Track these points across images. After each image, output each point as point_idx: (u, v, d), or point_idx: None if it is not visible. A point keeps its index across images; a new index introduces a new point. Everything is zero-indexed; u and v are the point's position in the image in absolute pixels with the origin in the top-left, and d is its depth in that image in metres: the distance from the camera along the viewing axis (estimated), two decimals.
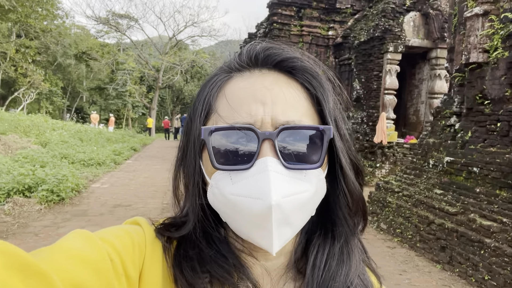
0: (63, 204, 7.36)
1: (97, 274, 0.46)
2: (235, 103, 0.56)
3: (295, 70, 0.59)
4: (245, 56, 0.61)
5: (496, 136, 5.43)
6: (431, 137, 7.19)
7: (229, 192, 0.53)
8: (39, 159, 9.69)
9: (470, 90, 6.04)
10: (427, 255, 5.75)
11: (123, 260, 0.51)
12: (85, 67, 38.48)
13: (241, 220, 0.54)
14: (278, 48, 0.61)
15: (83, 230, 0.52)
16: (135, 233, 0.57)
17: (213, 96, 0.59)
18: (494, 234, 4.71)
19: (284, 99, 0.56)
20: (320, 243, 0.63)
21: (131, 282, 0.52)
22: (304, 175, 0.55)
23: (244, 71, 0.60)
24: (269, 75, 0.58)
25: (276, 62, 0.59)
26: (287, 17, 12.75)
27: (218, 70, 0.63)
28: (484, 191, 5.26)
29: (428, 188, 6.44)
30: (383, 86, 11.68)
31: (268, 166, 0.52)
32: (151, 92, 37.70)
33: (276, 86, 0.57)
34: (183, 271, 0.56)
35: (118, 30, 34.68)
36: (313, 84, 0.59)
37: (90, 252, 0.48)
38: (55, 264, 0.44)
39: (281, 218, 0.51)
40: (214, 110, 0.58)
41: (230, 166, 0.54)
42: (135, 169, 12.69)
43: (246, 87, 0.57)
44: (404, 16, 11.68)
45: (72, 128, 18.79)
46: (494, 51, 5.48)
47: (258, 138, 0.53)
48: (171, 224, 0.62)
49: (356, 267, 0.62)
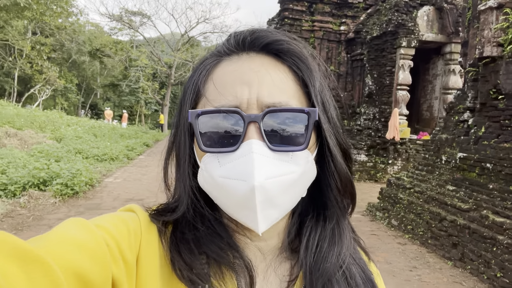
0: (77, 197, 7.50)
1: (94, 259, 0.47)
2: (222, 86, 0.57)
3: (282, 52, 0.59)
4: (233, 40, 0.61)
5: (510, 132, 5.33)
6: (444, 133, 7.09)
7: (217, 174, 0.55)
8: (54, 153, 9.88)
9: (483, 84, 5.93)
10: (439, 251, 5.69)
11: (119, 245, 0.52)
12: (99, 64, 38.96)
13: (229, 202, 0.55)
14: (265, 31, 0.61)
15: (78, 218, 0.53)
16: (130, 219, 0.58)
17: (202, 81, 0.60)
18: (507, 231, 4.64)
19: (271, 81, 0.56)
20: (312, 225, 0.64)
21: (128, 266, 0.53)
22: (290, 157, 0.55)
23: (232, 55, 0.60)
24: (256, 58, 0.59)
25: (263, 45, 0.59)
26: (299, 12, 12.68)
27: (207, 55, 0.64)
28: (498, 188, 5.18)
29: (440, 184, 6.37)
30: (395, 81, 11.55)
31: (253, 148, 0.53)
32: (164, 88, 37.99)
33: (262, 68, 0.57)
34: (180, 252, 0.57)
35: (131, 27, 34.97)
36: (299, 67, 0.59)
37: (86, 238, 0.48)
38: (52, 251, 0.44)
39: (265, 199, 0.52)
40: (203, 94, 0.59)
41: (217, 149, 0.55)
42: (148, 164, 12.84)
43: (233, 70, 0.58)
44: (417, 11, 11.51)
45: (86, 124, 19.08)
46: (508, 45, 5.37)
47: (244, 120, 0.54)
48: (164, 209, 0.64)
49: (347, 247, 0.63)
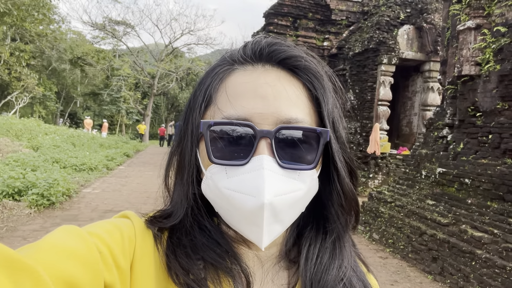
0: (53, 208, 7.27)
1: (86, 267, 0.46)
2: (235, 97, 0.56)
3: (298, 69, 0.59)
4: (250, 50, 0.60)
5: (488, 148, 5.49)
6: (424, 148, 7.24)
7: (223, 186, 0.54)
8: (30, 163, 9.58)
9: (462, 102, 6.11)
10: (419, 265, 5.74)
11: (112, 251, 0.51)
12: (80, 72, 38.35)
13: (233, 214, 0.55)
14: (283, 45, 0.60)
15: (70, 225, 0.52)
16: (124, 225, 0.58)
17: (214, 88, 0.59)
18: (485, 246, 4.73)
19: (286, 96, 0.56)
20: (312, 237, 0.64)
21: (122, 272, 0.52)
22: (298, 175, 0.56)
23: (247, 65, 0.60)
24: (272, 71, 0.58)
25: (280, 59, 0.59)
26: (283, 27, 12.87)
27: (220, 61, 0.63)
28: (476, 203, 5.29)
29: (420, 198, 6.47)
30: (376, 97, 11.78)
31: (264, 164, 0.53)
32: (146, 98, 37.64)
33: (278, 83, 0.57)
34: (177, 257, 0.56)
35: (114, 36, 34.69)
36: (314, 85, 0.59)
37: (77, 245, 0.47)
38: (42, 259, 0.43)
39: (272, 215, 0.52)
40: (214, 102, 0.58)
41: (227, 161, 0.55)
42: (128, 175, 12.60)
43: (247, 81, 0.57)
44: (398, 29, 11.85)
45: (65, 132, 18.66)
46: (486, 64, 5.57)
47: (256, 135, 0.54)
48: (161, 215, 0.63)
49: (348, 260, 0.63)
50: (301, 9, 12.95)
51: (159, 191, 0.67)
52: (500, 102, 5.30)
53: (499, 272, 4.37)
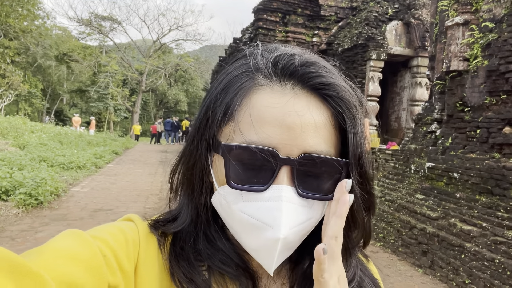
0: (42, 208, 7.15)
1: (90, 271, 0.46)
2: (260, 123, 0.52)
3: (331, 97, 0.55)
4: (281, 66, 0.55)
5: (476, 143, 5.56)
6: (413, 143, 7.31)
7: (238, 209, 0.53)
8: (17, 161, 9.41)
9: (450, 97, 6.18)
10: (409, 259, 5.82)
11: (116, 254, 0.52)
12: (66, 69, 37.77)
13: (245, 237, 0.55)
14: (320, 67, 0.56)
15: (74, 229, 0.52)
16: (128, 228, 0.58)
17: (237, 104, 0.55)
18: (474, 239, 4.80)
19: (314, 126, 0.53)
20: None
21: (126, 275, 0.52)
22: (312, 203, 0.55)
23: (275, 82, 0.55)
24: (302, 97, 0.54)
25: (314, 85, 0.55)
26: (272, 22, 12.83)
27: (243, 68, 0.57)
28: (464, 196, 5.37)
29: (410, 193, 6.54)
30: (366, 92, 11.85)
31: (283, 196, 0.51)
32: (134, 95, 37.28)
33: (307, 112, 0.53)
34: (179, 264, 0.56)
35: (100, 32, 34.26)
36: (345, 118, 0.55)
37: (81, 249, 0.48)
38: (46, 264, 0.44)
39: (284, 247, 0.53)
40: (235, 121, 0.54)
41: (244, 186, 0.53)
42: (117, 173, 12.47)
43: (275, 107, 0.53)
44: (386, 25, 11.91)
45: (52, 130, 18.37)
46: (474, 60, 5.63)
47: (278, 162, 0.52)
48: (165, 219, 0.63)
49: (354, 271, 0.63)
50: (290, 5, 12.93)
51: (150, 189, 0.65)
52: (488, 97, 5.37)
53: (488, 264, 4.45)
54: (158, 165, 14.67)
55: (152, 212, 0.66)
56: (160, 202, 8.13)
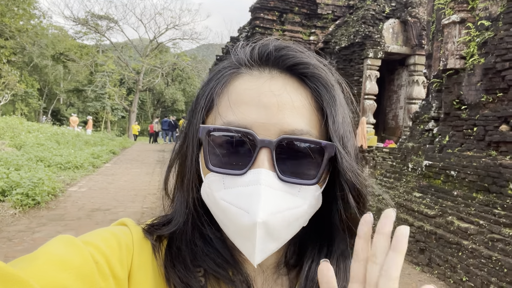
0: (39, 208, 7.13)
1: (81, 278, 0.46)
2: (237, 104, 0.53)
3: (306, 76, 0.55)
4: (257, 53, 0.57)
5: (473, 140, 5.58)
6: (410, 142, 7.33)
7: (220, 196, 0.53)
8: (14, 162, 9.37)
9: (447, 95, 6.19)
10: (407, 257, 5.83)
11: (109, 260, 0.50)
12: (63, 69, 37.63)
13: (228, 226, 0.54)
14: (292, 49, 0.57)
15: (66, 235, 0.51)
16: (121, 233, 0.56)
17: (217, 92, 0.56)
18: (471, 236, 4.82)
19: (291, 105, 0.53)
20: (315, 254, 0.62)
21: (119, 282, 0.51)
22: (298, 190, 0.53)
23: (253, 69, 0.56)
24: (278, 78, 0.55)
25: (288, 66, 0.55)
26: (269, 21, 12.82)
27: (226, 63, 0.60)
28: (462, 194, 5.39)
29: (407, 191, 6.56)
30: (363, 91, 11.86)
31: (261, 179, 0.50)
32: (131, 94, 37.17)
33: (284, 92, 0.53)
34: (175, 269, 0.55)
35: (97, 32, 34.13)
36: (322, 95, 0.55)
37: (72, 256, 0.47)
38: (36, 271, 0.43)
39: (266, 234, 0.50)
40: (216, 107, 0.56)
41: (224, 170, 0.53)
42: (114, 172, 12.44)
43: (252, 88, 0.54)
44: (383, 23, 11.92)
45: (49, 130, 18.31)
46: (470, 58, 5.65)
47: (256, 144, 0.51)
48: (159, 223, 0.61)
49: None
50: (287, 3, 12.92)
51: (147, 188, 0.65)
52: (485, 95, 5.39)
53: (485, 262, 4.47)
54: (156, 165, 14.65)
55: (150, 212, 0.65)
56: (158, 201, 8.07)
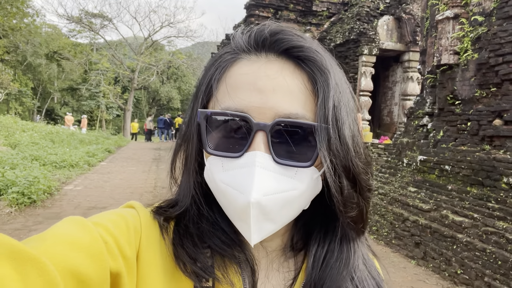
0: (35, 206, 7.11)
1: (91, 257, 0.46)
2: (233, 89, 0.55)
3: (301, 60, 0.55)
4: (253, 38, 0.58)
5: (467, 135, 5.63)
6: (405, 137, 7.38)
7: (219, 178, 0.54)
8: (9, 161, 9.32)
9: (441, 91, 6.24)
10: (402, 251, 5.89)
11: (117, 241, 0.51)
12: (57, 67, 37.35)
13: (227, 207, 0.55)
14: (288, 33, 0.57)
15: (75, 216, 0.52)
16: (129, 215, 0.58)
17: (216, 78, 0.58)
18: (465, 230, 4.87)
19: (287, 89, 0.53)
20: (320, 237, 0.63)
21: (128, 262, 0.52)
22: (295, 173, 0.53)
23: (251, 53, 0.57)
24: (275, 62, 0.55)
25: (283, 50, 0.56)
26: (264, 18, 12.81)
27: (225, 49, 0.61)
28: (456, 188, 5.44)
29: (402, 186, 6.61)
30: (358, 87, 11.90)
31: (256, 161, 0.51)
32: (126, 93, 37.00)
33: (280, 76, 0.54)
34: (184, 246, 0.56)
35: (91, 30, 33.90)
36: (317, 79, 0.55)
37: (82, 236, 0.47)
38: (47, 250, 0.44)
39: (261, 214, 0.51)
40: (214, 93, 0.57)
41: (221, 153, 0.54)
42: (110, 171, 12.41)
43: (248, 73, 0.55)
44: (378, 20, 11.95)
45: (43, 129, 18.19)
46: (464, 53, 5.69)
47: (252, 128, 0.52)
48: (167, 205, 0.63)
49: (358, 262, 0.62)
50: (282, 0, 12.92)
51: (143, 186, 0.66)
52: (478, 90, 5.44)
53: (480, 255, 4.52)
54: (152, 163, 14.62)
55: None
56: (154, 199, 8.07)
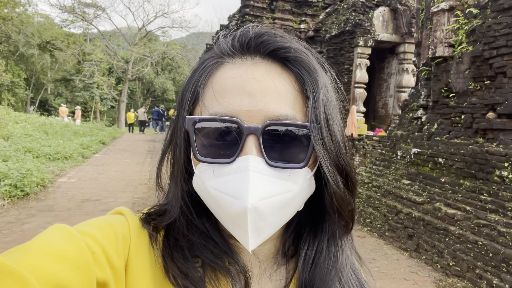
0: (28, 199, 7.07)
1: (76, 269, 0.45)
2: (221, 94, 0.53)
3: (288, 61, 0.55)
4: (237, 41, 0.57)
5: (460, 128, 5.65)
6: (399, 130, 7.39)
7: (211, 186, 0.53)
8: (1, 153, 9.25)
9: (436, 83, 6.24)
10: (395, 243, 5.93)
11: (105, 250, 0.50)
12: (50, 58, 36.94)
13: (221, 214, 0.54)
14: (272, 35, 0.56)
15: (62, 224, 0.50)
16: (118, 223, 0.56)
17: (201, 84, 0.56)
18: (458, 222, 4.91)
19: (275, 91, 0.53)
20: (310, 239, 0.63)
21: (116, 272, 0.51)
22: (288, 175, 0.53)
23: (235, 57, 0.56)
24: (261, 65, 0.55)
25: (269, 51, 0.55)
26: (259, 9, 12.70)
27: (209, 54, 0.59)
28: (449, 181, 5.47)
29: (396, 178, 6.64)
30: (353, 79, 11.88)
31: (249, 166, 0.50)
32: (120, 84, 36.73)
33: (267, 78, 0.53)
34: (174, 259, 0.55)
35: (84, 20, 33.48)
36: (304, 79, 0.55)
37: (67, 246, 0.46)
38: (30, 263, 0.42)
39: (258, 219, 0.50)
40: (201, 99, 0.56)
41: (212, 159, 0.53)
42: (104, 163, 12.36)
43: (234, 76, 0.54)
44: (373, 11, 11.89)
45: (36, 121, 18.04)
46: (459, 46, 5.68)
47: (243, 132, 0.51)
48: (156, 212, 0.61)
49: (346, 263, 0.62)
50: None
51: (138, 178, 0.64)
52: (472, 83, 5.44)
53: (472, 247, 4.57)
54: (147, 155, 14.58)
55: (141, 202, 0.64)
56: (149, 191, 8.09)
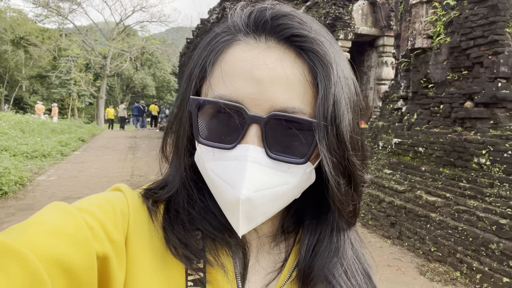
0: (6, 198, 6.88)
1: (75, 244, 0.45)
2: (230, 76, 0.51)
3: (303, 50, 0.51)
4: (253, 20, 0.53)
5: (439, 118, 5.78)
6: (380, 121, 7.51)
7: (209, 167, 0.53)
8: None
9: (415, 74, 6.36)
10: (379, 231, 6.06)
11: (104, 225, 0.50)
12: (24, 54, 35.82)
13: (216, 196, 0.54)
14: (291, 18, 0.52)
15: (60, 202, 0.50)
16: (116, 199, 0.56)
17: (211, 61, 0.53)
18: (438, 209, 5.05)
19: (285, 81, 0.50)
20: (313, 226, 0.62)
21: (116, 245, 0.50)
22: (288, 167, 0.52)
23: (249, 36, 0.53)
24: (275, 50, 0.51)
25: (285, 37, 0.52)
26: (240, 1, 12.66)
27: (222, 27, 0.56)
28: (429, 169, 5.61)
29: (378, 168, 6.76)
30: None
31: (248, 156, 0.49)
32: (99, 80, 36.00)
33: (279, 65, 0.50)
34: (174, 230, 0.55)
35: (59, 14, 32.59)
36: (318, 72, 0.51)
37: (65, 223, 0.46)
38: (29, 240, 0.42)
39: (250, 209, 0.50)
40: (208, 77, 0.54)
41: (213, 143, 0.52)
42: (84, 160, 12.12)
43: (245, 59, 0.51)
44: (353, 4, 12.00)
45: (12, 119, 17.51)
46: (437, 37, 5.80)
47: (246, 120, 0.50)
48: (157, 186, 0.61)
49: (348, 252, 0.63)
50: None
51: (120, 175, 0.64)
52: (450, 73, 5.57)
53: (452, 232, 4.70)
54: (128, 151, 14.37)
55: None
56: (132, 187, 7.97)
